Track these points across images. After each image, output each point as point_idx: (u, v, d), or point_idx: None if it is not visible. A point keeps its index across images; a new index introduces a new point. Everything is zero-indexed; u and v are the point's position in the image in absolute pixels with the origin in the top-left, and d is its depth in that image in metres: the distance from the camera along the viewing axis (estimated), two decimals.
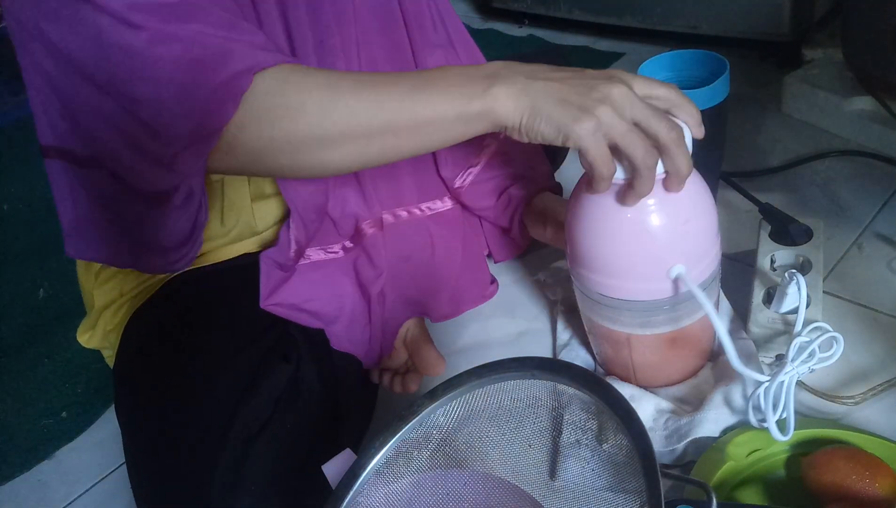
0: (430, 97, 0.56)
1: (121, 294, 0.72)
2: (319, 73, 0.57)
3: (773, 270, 0.79)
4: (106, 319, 0.72)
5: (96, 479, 0.83)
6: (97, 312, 0.73)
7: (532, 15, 1.57)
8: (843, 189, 0.95)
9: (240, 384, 0.63)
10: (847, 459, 0.58)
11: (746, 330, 0.74)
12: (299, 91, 0.55)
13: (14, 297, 1.14)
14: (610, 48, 1.44)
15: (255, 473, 0.59)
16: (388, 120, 0.56)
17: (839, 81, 1.06)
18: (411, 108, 0.56)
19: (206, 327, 0.67)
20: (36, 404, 0.94)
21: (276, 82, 0.54)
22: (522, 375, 0.53)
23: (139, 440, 0.65)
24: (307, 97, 0.55)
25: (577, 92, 0.55)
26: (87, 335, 0.75)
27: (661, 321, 0.66)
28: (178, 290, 0.71)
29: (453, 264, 0.83)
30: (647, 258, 0.61)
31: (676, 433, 0.66)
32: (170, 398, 0.63)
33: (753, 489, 0.62)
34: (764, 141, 1.07)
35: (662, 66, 0.87)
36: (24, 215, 1.35)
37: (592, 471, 0.50)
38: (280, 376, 0.65)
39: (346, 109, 0.55)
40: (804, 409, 0.69)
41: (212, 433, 0.60)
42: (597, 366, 0.78)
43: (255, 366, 0.64)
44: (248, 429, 0.61)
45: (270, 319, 0.70)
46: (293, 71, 0.55)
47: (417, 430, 0.54)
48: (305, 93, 0.55)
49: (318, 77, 0.56)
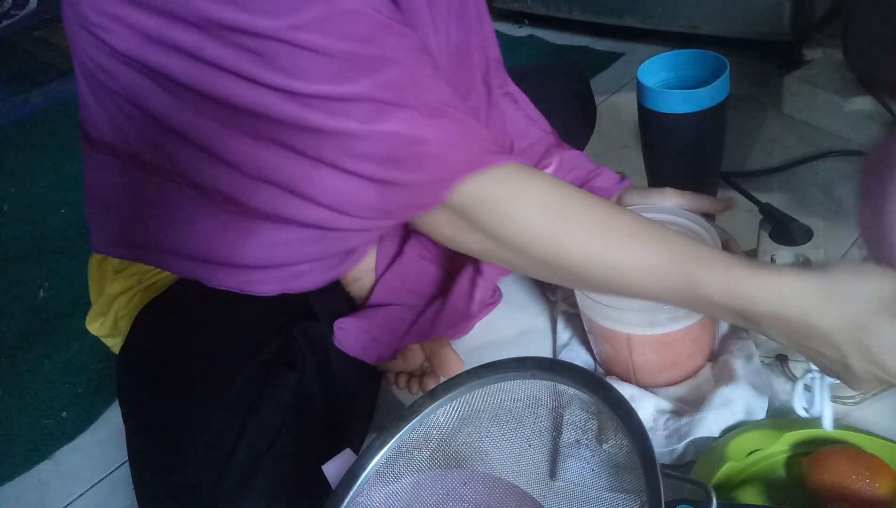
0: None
1: (139, 281, 0.72)
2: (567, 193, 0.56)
3: None
4: (121, 303, 0.72)
5: (96, 479, 0.83)
6: (111, 298, 0.72)
7: (532, 15, 1.57)
8: (843, 189, 0.95)
9: (249, 395, 0.62)
10: (847, 459, 0.58)
11: (747, 331, 0.74)
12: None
13: (14, 297, 1.14)
14: (610, 48, 1.44)
15: (265, 482, 0.59)
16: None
17: (839, 81, 1.06)
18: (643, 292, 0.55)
19: (218, 328, 0.67)
20: (36, 404, 0.94)
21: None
22: (522, 375, 0.53)
23: (144, 442, 0.65)
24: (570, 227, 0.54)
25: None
26: (99, 322, 0.74)
27: (661, 320, 0.66)
28: (193, 286, 0.70)
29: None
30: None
31: (676, 433, 0.66)
32: (177, 404, 0.63)
33: (753, 489, 0.62)
34: (764, 141, 1.07)
35: (662, 66, 0.87)
36: (24, 215, 1.35)
37: (592, 471, 0.50)
38: (287, 384, 0.64)
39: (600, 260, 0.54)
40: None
41: (223, 443, 0.59)
42: (597, 366, 0.78)
43: (263, 374, 0.64)
44: (260, 441, 0.60)
45: (279, 323, 0.69)
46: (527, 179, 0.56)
47: (417, 430, 0.54)
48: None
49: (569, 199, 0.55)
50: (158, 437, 0.63)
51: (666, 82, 0.86)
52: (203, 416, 0.61)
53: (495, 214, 0.55)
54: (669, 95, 0.81)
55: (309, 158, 0.54)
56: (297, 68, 0.50)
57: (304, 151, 0.53)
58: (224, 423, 0.60)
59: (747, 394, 0.67)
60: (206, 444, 0.60)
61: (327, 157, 0.53)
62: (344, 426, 0.71)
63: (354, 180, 0.54)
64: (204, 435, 0.60)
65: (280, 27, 0.49)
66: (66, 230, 1.26)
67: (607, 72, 1.37)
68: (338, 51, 0.50)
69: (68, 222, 1.29)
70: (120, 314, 0.72)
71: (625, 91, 1.29)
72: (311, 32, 0.49)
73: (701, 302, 0.52)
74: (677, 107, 0.80)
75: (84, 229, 0.72)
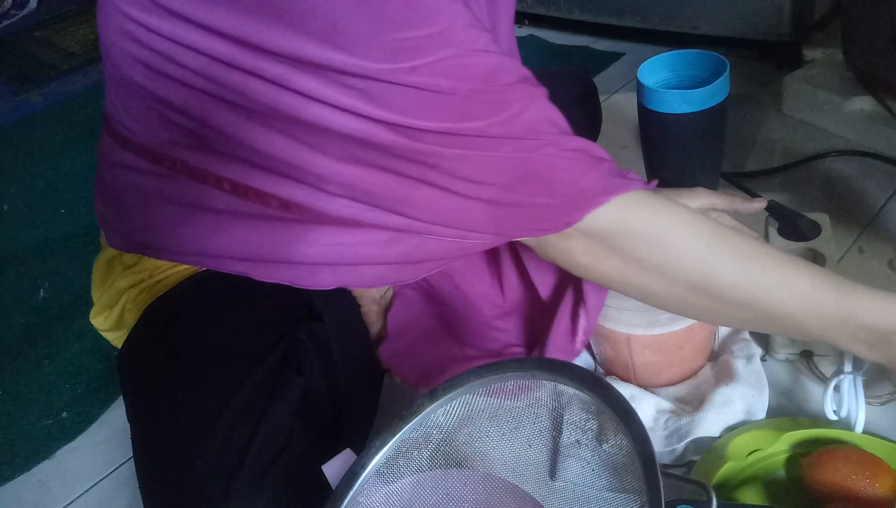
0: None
1: (150, 275, 0.71)
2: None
3: None
4: (130, 297, 0.71)
5: (96, 479, 0.83)
6: (120, 291, 0.71)
7: (532, 15, 1.57)
8: (844, 189, 0.95)
9: (257, 399, 0.62)
10: (847, 459, 0.58)
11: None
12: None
13: (14, 297, 1.14)
14: (610, 48, 1.44)
15: (273, 489, 0.59)
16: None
17: (839, 81, 1.06)
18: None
19: (226, 328, 0.66)
20: (36, 404, 0.94)
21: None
22: (522, 375, 0.53)
23: (151, 444, 0.64)
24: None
25: None
26: (104, 315, 0.73)
27: (661, 320, 0.66)
28: (204, 285, 0.69)
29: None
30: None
31: (676, 433, 0.66)
32: (185, 406, 0.62)
33: (753, 489, 0.62)
34: (764, 141, 1.07)
35: (662, 66, 0.87)
36: (24, 215, 1.35)
37: (592, 471, 0.50)
38: (296, 389, 0.64)
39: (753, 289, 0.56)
40: (805, 409, 0.69)
41: (233, 448, 0.59)
42: (597, 366, 0.78)
43: (272, 378, 0.63)
44: (271, 446, 0.60)
45: (287, 324, 0.69)
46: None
47: (417, 430, 0.54)
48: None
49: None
50: (166, 442, 0.62)
51: (666, 82, 0.86)
52: (211, 421, 0.60)
53: (643, 240, 0.56)
54: (669, 95, 0.80)
55: (411, 179, 0.53)
56: (412, 108, 0.50)
57: (407, 173, 0.53)
58: (233, 430, 0.60)
59: (747, 394, 0.67)
60: (215, 451, 0.59)
61: (435, 180, 0.53)
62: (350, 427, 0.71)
63: (464, 201, 0.54)
64: (212, 442, 0.59)
65: (394, 69, 0.48)
66: (67, 230, 1.26)
67: (607, 72, 1.37)
68: (461, 90, 0.50)
69: (68, 221, 1.28)
70: (127, 307, 0.71)
71: (625, 91, 1.29)
72: (429, 75, 0.49)
73: (846, 324, 0.54)
74: (677, 107, 0.80)
75: (84, 229, 0.71)
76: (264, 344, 0.66)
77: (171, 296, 0.69)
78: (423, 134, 0.51)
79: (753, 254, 0.56)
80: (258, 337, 0.67)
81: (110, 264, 0.73)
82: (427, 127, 0.50)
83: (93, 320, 0.74)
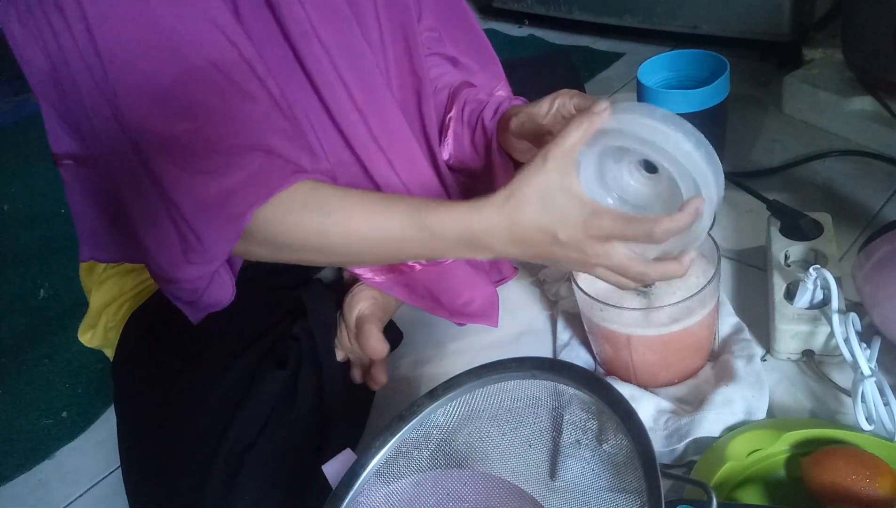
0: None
1: (121, 293, 0.72)
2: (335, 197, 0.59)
3: (788, 266, 0.78)
4: (108, 316, 0.72)
5: (96, 479, 0.83)
6: (98, 310, 0.73)
7: (532, 15, 1.57)
8: (844, 189, 0.95)
9: (236, 391, 0.63)
10: (847, 459, 0.58)
11: (772, 327, 0.73)
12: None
13: (14, 297, 1.14)
14: (610, 48, 1.44)
15: (249, 480, 0.59)
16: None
17: (839, 81, 1.06)
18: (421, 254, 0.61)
19: (205, 330, 0.67)
20: (36, 404, 0.94)
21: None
22: (522, 375, 0.53)
23: (134, 441, 0.65)
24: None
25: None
26: (89, 335, 0.75)
27: (661, 320, 0.66)
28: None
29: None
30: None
31: (676, 433, 0.66)
32: (166, 403, 0.63)
33: (753, 489, 0.62)
34: (764, 141, 1.07)
35: (662, 66, 0.87)
36: (24, 215, 1.35)
37: (592, 471, 0.50)
38: (275, 383, 0.65)
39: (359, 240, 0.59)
40: (805, 409, 0.69)
41: (208, 440, 0.60)
42: (597, 366, 0.78)
43: (251, 373, 0.64)
44: (244, 437, 0.61)
45: (268, 322, 0.70)
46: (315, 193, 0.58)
47: (417, 430, 0.54)
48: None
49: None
50: (146, 438, 0.64)
51: (666, 82, 0.87)
52: (189, 415, 0.62)
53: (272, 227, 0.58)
54: (669, 95, 0.81)
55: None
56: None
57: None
58: (210, 421, 0.61)
59: (747, 394, 0.67)
60: (192, 442, 0.60)
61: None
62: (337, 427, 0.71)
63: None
64: (190, 433, 0.61)
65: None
66: (67, 230, 1.25)
67: (607, 72, 1.37)
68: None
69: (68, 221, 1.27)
70: (108, 326, 0.73)
71: (625, 91, 1.29)
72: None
73: (435, 241, 0.58)
74: (677, 107, 0.80)
75: None
76: (246, 341, 0.67)
77: (150, 305, 0.71)
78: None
79: (351, 210, 0.58)
80: (240, 336, 0.67)
81: (89, 274, 0.75)
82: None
83: (80, 337, 0.76)
